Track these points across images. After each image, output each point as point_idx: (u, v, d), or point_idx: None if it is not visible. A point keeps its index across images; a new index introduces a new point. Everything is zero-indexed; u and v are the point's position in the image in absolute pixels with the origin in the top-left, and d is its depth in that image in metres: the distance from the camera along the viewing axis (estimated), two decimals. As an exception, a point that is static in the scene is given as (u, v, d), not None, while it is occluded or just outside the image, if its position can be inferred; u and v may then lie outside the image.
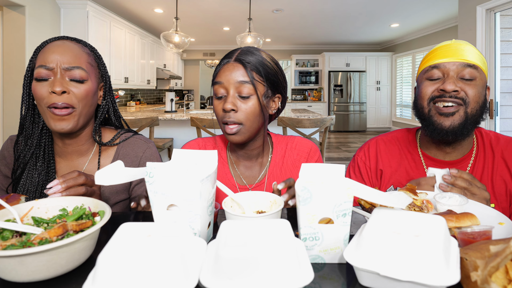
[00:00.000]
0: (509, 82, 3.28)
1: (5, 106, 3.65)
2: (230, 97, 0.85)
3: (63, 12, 4.18)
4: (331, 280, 0.49)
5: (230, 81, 0.85)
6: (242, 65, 0.86)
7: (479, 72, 0.86)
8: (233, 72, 0.85)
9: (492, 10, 3.17)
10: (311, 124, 2.97)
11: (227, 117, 0.85)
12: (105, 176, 0.59)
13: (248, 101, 0.85)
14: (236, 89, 0.85)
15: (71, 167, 0.93)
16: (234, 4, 5.01)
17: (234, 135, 0.87)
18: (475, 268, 0.42)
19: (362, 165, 1.06)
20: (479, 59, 0.87)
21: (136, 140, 0.99)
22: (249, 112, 0.85)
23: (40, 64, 0.83)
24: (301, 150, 1.00)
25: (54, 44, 0.85)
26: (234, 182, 0.97)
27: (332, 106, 8.55)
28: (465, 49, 0.87)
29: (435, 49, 0.92)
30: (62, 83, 0.82)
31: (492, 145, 0.94)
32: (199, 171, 0.56)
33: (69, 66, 0.83)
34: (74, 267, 0.51)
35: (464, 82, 0.85)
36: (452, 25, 6.09)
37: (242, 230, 0.47)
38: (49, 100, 0.81)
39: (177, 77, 7.89)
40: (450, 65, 0.86)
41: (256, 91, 0.86)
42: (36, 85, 0.83)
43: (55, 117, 0.82)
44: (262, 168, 0.99)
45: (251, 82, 0.85)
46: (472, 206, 0.70)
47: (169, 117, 3.58)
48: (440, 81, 0.87)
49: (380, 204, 0.55)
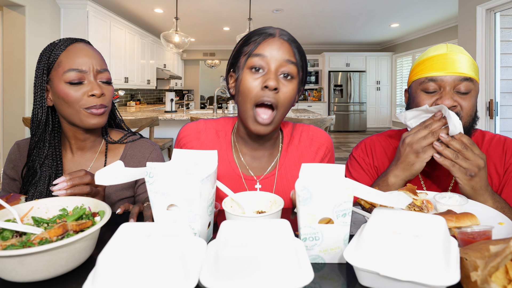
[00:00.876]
0: (509, 82, 3.28)
1: (5, 106, 3.65)
2: (272, 73, 0.76)
3: (63, 12, 4.18)
4: (331, 280, 0.49)
5: (275, 57, 0.77)
6: (288, 43, 0.80)
7: (474, 84, 0.87)
8: (281, 48, 0.78)
9: (492, 10, 3.17)
10: (311, 124, 2.96)
11: (266, 96, 0.76)
12: (105, 176, 0.59)
13: (290, 83, 0.78)
14: (280, 67, 0.77)
15: (79, 164, 0.94)
16: (234, 4, 5.01)
17: (266, 126, 0.79)
18: (475, 268, 0.42)
19: (362, 161, 1.06)
20: (473, 69, 0.88)
21: (143, 142, 1.03)
22: (287, 96, 0.78)
23: (72, 67, 0.85)
24: (315, 141, 0.93)
25: (80, 47, 0.88)
26: (239, 171, 0.88)
27: (332, 106, 8.56)
28: (460, 60, 0.87)
29: (429, 59, 0.90)
30: (100, 86, 0.88)
31: (478, 140, 0.97)
32: (199, 171, 0.56)
33: (100, 69, 0.89)
34: (74, 267, 0.51)
35: (459, 95, 0.86)
36: (452, 25, 6.09)
37: (242, 230, 0.47)
38: (87, 102, 0.86)
39: (177, 77, 7.90)
40: (447, 79, 0.86)
41: (298, 74, 0.80)
42: (69, 89, 0.85)
43: (92, 116, 0.87)
44: (272, 159, 0.91)
45: (297, 64, 0.79)
46: (472, 206, 0.70)
47: (169, 117, 3.58)
48: (437, 94, 0.88)
49: (380, 204, 0.55)
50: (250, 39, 0.81)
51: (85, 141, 0.94)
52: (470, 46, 3.31)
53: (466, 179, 0.77)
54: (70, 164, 0.94)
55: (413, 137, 0.83)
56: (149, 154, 1.01)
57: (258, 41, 0.79)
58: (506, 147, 0.93)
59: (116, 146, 1.00)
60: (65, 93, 0.85)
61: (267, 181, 0.89)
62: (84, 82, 0.87)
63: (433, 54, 0.90)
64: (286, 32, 0.82)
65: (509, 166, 0.90)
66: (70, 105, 0.86)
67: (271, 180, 0.89)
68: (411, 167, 0.83)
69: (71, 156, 0.95)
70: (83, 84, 0.86)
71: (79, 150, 0.95)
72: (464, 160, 0.77)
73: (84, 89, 0.86)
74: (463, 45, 3.45)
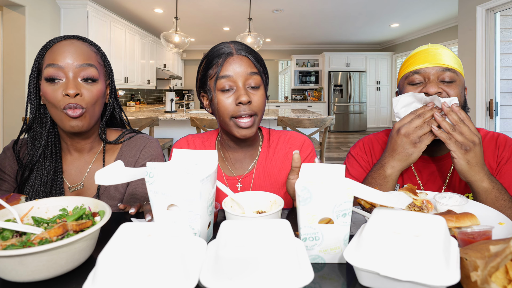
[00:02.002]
0: (509, 82, 3.28)
1: (5, 106, 3.64)
2: (242, 89, 0.84)
3: (63, 12, 4.18)
4: (331, 280, 0.49)
5: (240, 73, 0.85)
6: (247, 57, 0.88)
7: (457, 75, 0.90)
8: (242, 65, 0.86)
9: (492, 10, 3.17)
10: (311, 124, 2.97)
11: (242, 110, 0.84)
12: (105, 176, 0.59)
13: (258, 91, 0.87)
14: (246, 80, 0.86)
15: (78, 166, 0.93)
16: (234, 4, 5.01)
17: (248, 129, 0.86)
18: (475, 268, 0.42)
19: (360, 159, 1.08)
20: (456, 62, 0.91)
21: (138, 138, 1.01)
22: (260, 103, 0.87)
23: (50, 63, 0.81)
24: (293, 143, 1.01)
25: (63, 43, 0.84)
26: (222, 173, 0.97)
27: (332, 106, 8.55)
28: (442, 53, 0.91)
29: (413, 55, 0.95)
30: (76, 85, 0.82)
31: None
32: (199, 171, 0.56)
33: (82, 64, 0.83)
34: (74, 267, 0.51)
35: (445, 84, 0.89)
36: (452, 25, 6.09)
37: (242, 230, 0.47)
38: (63, 102, 0.81)
39: (177, 77, 7.89)
40: (430, 69, 0.90)
41: (262, 80, 0.89)
42: (47, 87, 0.81)
43: (68, 118, 0.82)
44: (252, 160, 0.99)
45: (259, 72, 0.88)
46: (472, 206, 0.70)
47: (169, 117, 3.58)
48: (422, 85, 0.91)
49: (380, 204, 0.55)
50: (211, 62, 0.88)
51: (79, 143, 0.92)
52: (470, 46, 3.32)
53: (461, 152, 0.78)
54: (69, 165, 0.93)
55: (408, 127, 0.84)
56: (142, 147, 0.98)
57: (220, 63, 0.87)
58: (499, 143, 0.95)
59: (115, 145, 0.98)
60: (44, 92, 0.82)
61: (246, 179, 0.97)
62: (62, 80, 0.81)
63: (417, 51, 0.96)
64: (241, 44, 0.90)
65: (501, 160, 0.93)
66: (52, 105, 0.82)
67: (249, 179, 0.97)
68: (409, 157, 0.85)
69: (70, 157, 0.94)
70: (59, 82, 0.81)
71: (76, 151, 0.93)
72: (460, 134, 0.78)
73: (61, 88, 0.81)
74: (463, 45, 3.45)
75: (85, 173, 0.93)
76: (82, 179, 0.93)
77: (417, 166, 0.99)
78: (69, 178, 0.93)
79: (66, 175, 0.92)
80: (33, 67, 0.85)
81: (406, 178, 0.99)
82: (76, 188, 0.91)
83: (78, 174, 0.93)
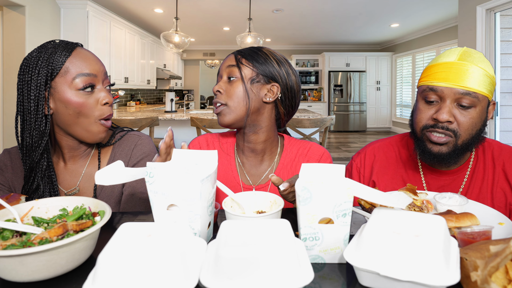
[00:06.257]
0: (509, 82, 3.28)
1: (5, 106, 3.64)
2: (221, 81, 0.93)
3: (63, 12, 4.18)
4: (331, 280, 0.49)
5: (222, 68, 0.93)
6: (233, 55, 0.94)
7: (479, 99, 0.80)
8: (227, 60, 0.94)
9: (492, 10, 3.18)
10: (311, 124, 2.97)
11: (215, 99, 0.93)
12: (105, 176, 0.59)
13: (233, 83, 0.91)
14: (227, 74, 0.92)
15: (71, 171, 0.91)
16: (234, 4, 5.01)
17: (219, 116, 0.92)
18: (475, 268, 0.42)
19: (356, 172, 1.05)
20: (484, 83, 0.80)
21: (129, 136, 0.99)
22: (232, 93, 0.90)
23: (82, 72, 0.80)
24: (312, 156, 0.98)
25: (85, 52, 0.84)
26: (239, 180, 0.97)
27: (332, 106, 8.55)
28: (469, 70, 0.80)
29: (436, 65, 0.85)
30: (109, 94, 0.84)
31: (494, 156, 0.92)
32: (199, 171, 0.56)
33: (107, 74, 0.86)
34: (74, 267, 0.51)
35: (460, 109, 0.81)
36: (452, 25, 6.09)
37: (242, 230, 0.47)
38: (104, 113, 0.82)
39: (177, 77, 7.89)
40: (448, 91, 0.81)
41: (241, 74, 0.91)
42: (81, 96, 0.80)
43: (103, 128, 0.84)
44: (268, 167, 0.98)
45: (237, 66, 0.91)
46: (472, 206, 0.70)
47: (169, 117, 3.58)
48: (436, 105, 0.84)
49: (380, 204, 0.55)
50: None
51: (79, 150, 0.91)
52: (470, 46, 3.31)
53: None
54: (63, 173, 0.91)
55: None
56: (134, 145, 0.97)
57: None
58: None
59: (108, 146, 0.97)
60: (77, 102, 0.79)
61: (261, 189, 0.96)
62: (96, 89, 0.82)
63: (442, 61, 0.85)
64: (244, 49, 0.97)
65: None
66: (83, 115, 0.80)
67: (265, 189, 0.96)
68: None
69: (64, 165, 0.91)
70: (94, 90, 0.81)
71: (71, 158, 0.91)
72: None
73: (95, 96, 0.81)
74: (463, 45, 3.45)
75: (80, 177, 0.92)
76: (77, 183, 0.91)
77: (426, 178, 0.95)
78: (64, 184, 0.91)
79: (60, 182, 0.90)
80: (41, 76, 0.78)
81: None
82: (72, 193, 0.90)
83: (72, 179, 0.91)
